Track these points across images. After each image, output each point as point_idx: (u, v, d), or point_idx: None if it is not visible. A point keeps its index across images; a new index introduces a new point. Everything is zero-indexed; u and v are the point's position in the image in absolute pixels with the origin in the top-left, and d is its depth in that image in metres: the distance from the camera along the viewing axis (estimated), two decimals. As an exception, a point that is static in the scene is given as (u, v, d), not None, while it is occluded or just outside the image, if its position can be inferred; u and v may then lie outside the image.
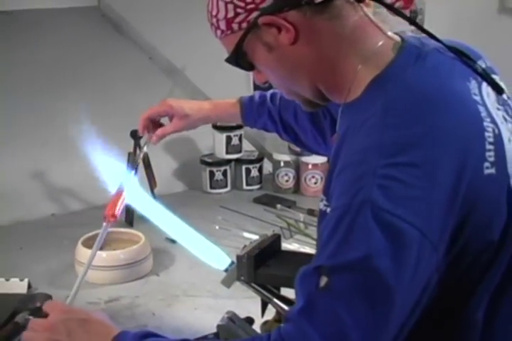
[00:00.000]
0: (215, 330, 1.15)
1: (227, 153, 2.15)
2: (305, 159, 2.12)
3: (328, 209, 0.93)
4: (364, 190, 0.82)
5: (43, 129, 2.07)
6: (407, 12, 1.79)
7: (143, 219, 1.42)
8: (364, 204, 0.82)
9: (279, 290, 1.12)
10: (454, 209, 0.84)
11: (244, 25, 0.96)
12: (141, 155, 1.52)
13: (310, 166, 2.11)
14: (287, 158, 2.14)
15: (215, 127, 2.16)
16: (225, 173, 2.14)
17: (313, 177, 2.10)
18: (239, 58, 1.00)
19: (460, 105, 0.88)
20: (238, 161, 2.17)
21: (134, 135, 1.84)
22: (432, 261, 0.84)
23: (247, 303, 1.32)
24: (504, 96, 0.99)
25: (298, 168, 2.14)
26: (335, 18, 0.94)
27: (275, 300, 1.10)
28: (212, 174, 2.13)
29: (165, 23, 2.44)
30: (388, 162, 0.83)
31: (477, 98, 0.91)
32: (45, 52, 2.32)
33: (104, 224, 1.24)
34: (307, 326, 0.83)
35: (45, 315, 1.04)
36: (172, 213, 1.26)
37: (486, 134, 0.87)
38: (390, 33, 0.98)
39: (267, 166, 2.23)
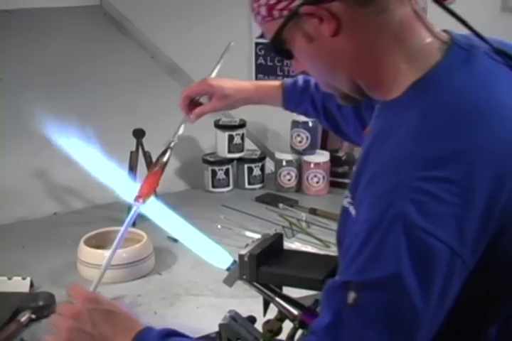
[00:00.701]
0: (217, 329, 1.15)
1: (230, 152, 2.15)
2: (307, 158, 2.12)
3: (352, 208, 0.92)
4: (397, 204, 0.79)
5: (44, 128, 2.07)
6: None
7: (145, 218, 1.42)
8: (396, 218, 0.79)
9: (281, 289, 1.12)
10: (487, 227, 0.81)
11: (285, 12, 0.92)
12: (177, 136, 1.46)
13: (312, 165, 2.10)
14: (289, 157, 2.14)
15: (217, 126, 2.16)
16: (227, 172, 2.14)
17: (315, 176, 2.10)
18: (277, 46, 0.96)
19: (504, 119, 0.84)
20: (240, 160, 2.17)
21: (137, 134, 1.84)
22: (462, 278, 0.81)
23: (249, 302, 1.32)
24: None
25: (300, 167, 2.14)
26: (381, 12, 0.89)
27: (277, 299, 1.10)
28: (214, 173, 2.13)
29: (167, 22, 2.44)
30: (423, 175, 0.80)
31: None
32: (46, 51, 2.32)
33: (134, 205, 1.21)
34: (331, 338, 0.82)
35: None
36: (174, 212, 1.26)
37: None
38: (437, 30, 0.94)
39: (269, 165, 2.23)
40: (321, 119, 1.44)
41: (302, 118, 2.11)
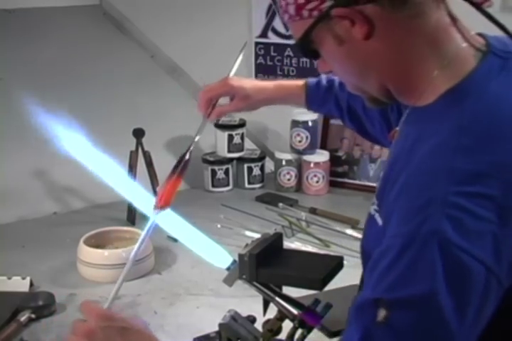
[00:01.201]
0: (217, 329, 1.15)
1: (229, 151, 2.15)
2: (307, 158, 2.12)
3: (377, 215, 0.90)
4: (432, 220, 0.77)
5: (44, 128, 2.07)
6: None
7: (145, 217, 1.42)
8: (432, 235, 0.76)
9: (281, 288, 1.12)
10: None
11: (315, 13, 0.88)
12: (198, 135, 1.41)
13: (312, 165, 2.10)
14: (289, 156, 2.14)
15: (217, 126, 2.16)
16: (226, 172, 2.14)
17: (315, 175, 2.10)
18: (305, 46, 0.93)
19: None
20: (240, 160, 2.17)
21: (136, 133, 1.84)
22: (498, 297, 0.79)
23: (249, 302, 1.32)
24: None
25: (300, 166, 2.14)
26: (416, 16, 0.86)
27: (277, 298, 1.10)
28: (214, 173, 2.13)
29: (167, 22, 2.44)
30: (459, 190, 0.77)
31: None
32: (46, 50, 2.32)
33: (154, 212, 1.19)
34: None
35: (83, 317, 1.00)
36: (174, 212, 1.26)
37: None
38: (473, 35, 0.91)
39: (269, 165, 2.23)
40: (345, 120, 1.40)
41: (302, 117, 2.11)
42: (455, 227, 0.76)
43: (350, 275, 1.16)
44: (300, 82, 1.42)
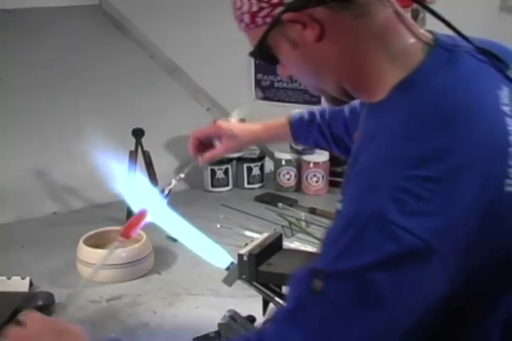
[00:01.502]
0: (216, 329, 1.15)
1: (229, 151, 2.15)
2: (306, 158, 2.12)
3: None
4: (378, 201, 0.80)
5: (44, 128, 2.07)
6: (408, 10, 1.79)
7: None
8: (374, 215, 0.79)
9: (280, 288, 1.12)
10: (470, 226, 0.80)
11: (268, 19, 0.92)
12: (182, 175, 1.43)
13: (311, 165, 2.11)
14: (289, 156, 2.14)
15: (217, 126, 2.16)
16: (226, 172, 2.14)
17: (314, 175, 2.10)
18: (263, 52, 0.97)
19: (485, 118, 0.84)
20: (240, 160, 2.17)
21: (136, 133, 1.84)
22: (441, 278, 0.81)
23: (248, 302, 1.32)
24: None
25: (299, 166, 2.14)
26: (362, 15, 0.89)
27: (276, 298, 1.10)
28: (213, 172, 2.13)
29: (166, 22, 2.44)
30: (407, 174, 0.80)
31: (506, 108, 0.86)
32: (46, 50, 2.32)
33: (115, 243, 1.25)
34: (291, 327, 0.82)
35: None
36: (173, 212, 1.26)
37: (511, 149, 0.83)
38: (421, 31, 0.94)
39: (269, 165, 2.23)
40: (332, 147, 1.44)
41: (301, 117, 2.11)
42: (399, 208, 0.79)
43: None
44: (283, 120, 1.48)
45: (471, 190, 0.80)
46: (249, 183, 2.17)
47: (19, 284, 1.49)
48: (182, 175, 1.41)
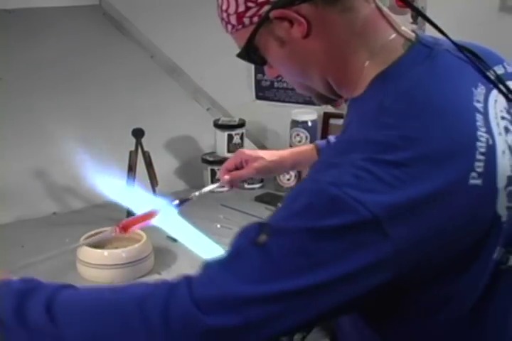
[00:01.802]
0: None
1: (229, 151, 2.15)
2: (306, 158, 2.12)
3: None
4: (338, 174, 0.82)
5: (44, 128, 2.07)
6: (408, 10, 1.79)
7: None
8: (332, 184, 0.81)
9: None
10: (427, 214, 0.81)
11: (255, 19, 0.94)
12: (197, 194, 1.41)
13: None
14: (289, 156, 2.14)
15: (217, 126, 2.16)
16: (226, 172, 2.14)
17: (314, 175, 2.10)
18: (250, 53, 0.98)
19: (455, 112, 0.86)
20: (240, 160, 2.17)
21: (136, 133, 1.84)
22: (389, 263, 0.80)
23: (248, 302, 1.31)
24: None
25: (299, 166, 2.14)
26: (347, 11, 0.91)
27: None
28: (213, 172, 2.13)
29: (166, 22, 2.44)
30: (370, 156, 0.82)
31: (479, 105, 0.89)
32: (46, 50, 2.32)
33: (111, 228, 1.22)
34: (224, 271, 0.82)
35: None
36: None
37: (478, 144, 0.84)
38: (404, 29, 0.96)
39: (269, 165, 2.23)
40: None
41: (301, 117, 2.11)
42: (356, 183, 0.80)
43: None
44: (311, 146, 1.49)
45: (432, 179, 0.81)
46: (249, 183, 2.17)
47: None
48: (204, 190, 1.41)
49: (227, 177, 1.46)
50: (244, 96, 2.34)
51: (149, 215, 1.21)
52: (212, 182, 2.13)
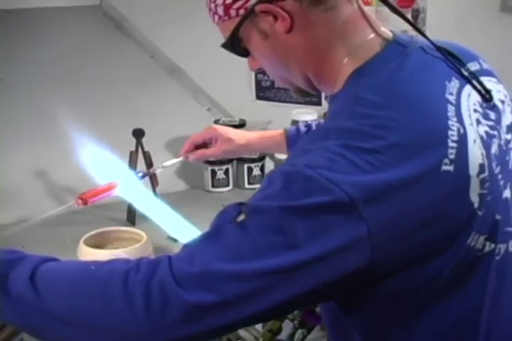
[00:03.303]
0: (217, 329, 1.14)
1: (229, 151, 2.15)
2: (307, 158, 2.12)
3: None
4: (312, 158, 0.85)
5: (44, 128, 2.07)
6: (408, 10, 1.79)
7: (145, 217, 1.42)
8: (307, 166, 0.84)
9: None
10: (399, 196, 0.84)
11: (241, 11, 0.98)
12: (160, 167, 1.49)
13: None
14: (289, 156, 2.14)
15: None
16: (226, 172, 2.14)
17: (315, 175, 2.09)
18: (234, 44, 1.02)
19: (426, 102, 0.91)
20: (240, 160, 2.17)
21: (136, 134, 1.84)
22: (359, 236, 0.82)
23: (248, 302, 1.31)
24: (496, 101, 1.00)
25: (300, 166, 2.13)
26: (329, 10, 0.95)
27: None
28: (214, 173, 2.13)
29: (167, 22, 2.44)
30: (344, 143, 0.86)
31: (451, 97, 0.93)
32: (46, 51, 2.31)
33: (71, 203, 1.23)
34: (204, 247, 0.86)
35: None
36: (174, 212, 1.26)
37: (450, 132, 0.88)
38: (382, 29, 1.00)
39: (269, 165, 2.23)
40: None
41: (302, 117, 2.11)
42: (330, 165, 0.84)
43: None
44: (280, 131, 1.53)
45: (405, 166, 0.84)
46: (249, 183, 2.17)
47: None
48: (165, 164, 1.47)
49: (193, 156, 1.52)
50: (244, 97, 2.34)
51: (110, 187, 1.23)
52: (213, 183, 2.13)
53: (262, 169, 2.18)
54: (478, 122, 0.95)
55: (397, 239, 0.84)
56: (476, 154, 0.90)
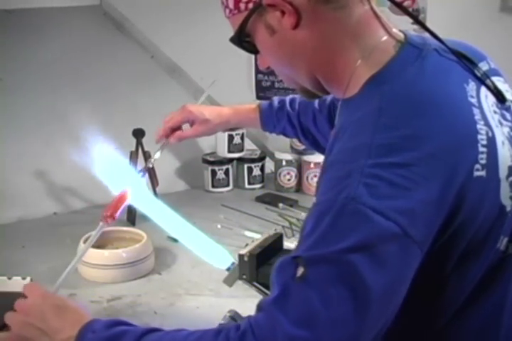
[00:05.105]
0: (217, 329, 1.15)
1: (229, 151, 2.15)
2: (307, 158, 2.12)
3: None
4: (350, 187, 0.82)
5: (45, 128, 2.07)
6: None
7: (145, 218, 1.42)
8: (348, 200, 0.82)
9: (281, 289, 1.12)
10: (441, 209, 0.83)
11: (250, 5, 0.97)
12: (153, 161, 1.52)
13: (312, 165, 2.11)
14: (289, 156, 2.14)
15: (217, 126, 2.16)
16: (227, 172, 2.14)
17: (315, 176, 2.10)
18: (242, 39, 1.01)
19: (454, 108, 0.88)
20: (240, 160, 2.17)
21: (136, 134, 1.84)
22: (416, 259, 0.83)
23: (249, 302, 1.31)
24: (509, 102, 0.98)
25: (300, 166, 2.14)
26: (340, 8, 0.93)
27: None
28: (214, 173, 2.13)
29: (167, 22, 2.44)
30: (376, 162, 0.83)
31: (473, 100, 0.91)
32: (46, 51, 2.32)
33: (101, 224, 1.24)
34: (278, 314, 0.83)
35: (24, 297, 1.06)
36: (174, 212, 1.26)
37: (479, 137, 0.87)
38: (394, 30, 0.97)
39: (269, 165, 2.23)
40: (300, 137, 1.49)
41: (302, 118, 2.11)
42: (370, 193, 0.81)
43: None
44: (253, 105, 1.53)
45: (441, 176, 0.83)
46: (249, 184, 2.17)
47: (19, 284, 1.48)
48: (156, 157, 1.50)
49: (173, 140, 1.54)
50: (244, 97, 2.34)
51: (123, 196, 1.23)
52: (213, 183, 2.13)
53: (262, 169, 2.18)
54: (501, 123, 0.93)
55: (439, 247, 0.85)
56: (505, 156, 0.89)
